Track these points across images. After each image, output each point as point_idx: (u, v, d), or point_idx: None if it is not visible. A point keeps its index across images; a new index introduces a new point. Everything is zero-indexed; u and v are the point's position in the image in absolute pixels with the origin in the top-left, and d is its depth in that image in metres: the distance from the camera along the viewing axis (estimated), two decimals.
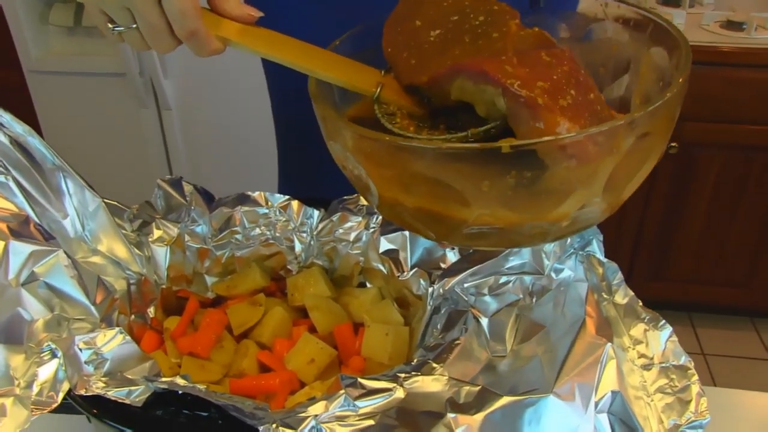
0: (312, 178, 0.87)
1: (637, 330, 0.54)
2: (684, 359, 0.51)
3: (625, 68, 0.51)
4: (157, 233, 0.65)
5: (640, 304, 0.56)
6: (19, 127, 0.59)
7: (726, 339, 2.03)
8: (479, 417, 0.43)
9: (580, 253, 0.59)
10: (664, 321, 0.54)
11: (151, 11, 0.49)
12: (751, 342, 2.02)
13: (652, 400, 0.48)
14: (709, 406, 0.74)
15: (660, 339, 0.53)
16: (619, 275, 0.58)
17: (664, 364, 0.51)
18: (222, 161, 1.80)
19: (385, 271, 0.65)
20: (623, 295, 0.57)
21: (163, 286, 0.64)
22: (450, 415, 0.43)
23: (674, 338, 0.53)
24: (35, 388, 0.47)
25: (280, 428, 0.42)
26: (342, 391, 0.44)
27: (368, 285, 0.68)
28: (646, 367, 0.51)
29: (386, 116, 0.51)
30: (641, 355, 0.52)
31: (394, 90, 0.52)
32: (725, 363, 1.95)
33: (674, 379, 0.50)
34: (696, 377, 0.50)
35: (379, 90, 0.51)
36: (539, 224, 0.42)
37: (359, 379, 0.45)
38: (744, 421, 0.74)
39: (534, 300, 0.55)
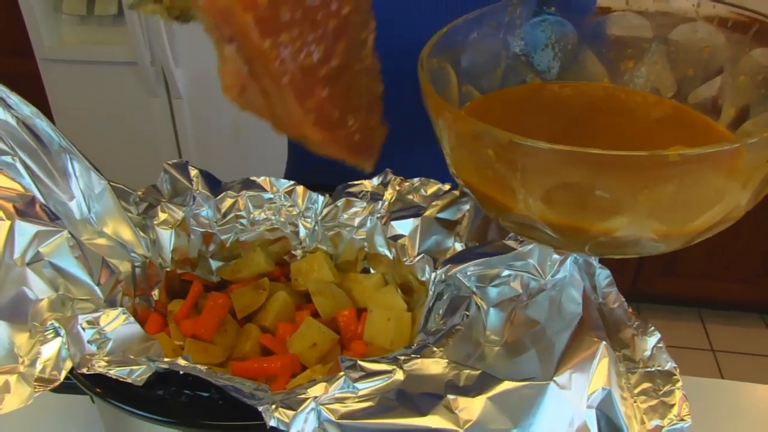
0: (320, 165, 0.88)
1: (625, 334, 0.54)
2: (670, 365, 0.51)
3: (717, 70, 0.49)
4: (162, 216, 0.65)
5: (630, 310, 0.56)
6: (26, 109, 0.59)
7: (736, 335, 2.02)
8: (480, 399, 0.43)
9: (575, 256, 0.59)
10: (653, 327, 0.54)
11: None
12: (761, 338, 2.01)
13: (635, 402, 0.49)
14: (717, 398, 0.74)
15: (647, 344, 0.53)
16: (611, 280, 0.58)
17: (649, 369, 0.51)
18: (231, 151, 1.81)
19: (391, 257, 0.65)
20: (613, 301, 0.57)
21: (168, 269, 0.65)
22: (450, 397, 0.43)
23: (662, 345, 0.53)
24: (38, 366, 0.48)
25: (280, 409, 0.42)
26: (342, 373, 0.44)
27: (372, 271, 0.68)
28: (630, 370, 0.52)
29: None
30: (626, 358, 0.52)
31: None
32: (735, 359, 1.94)
33: (659, 384, 0.50)
34: (680, 383, 0.50)
35: None
36: (677, 235, 0.41)
37: (359, 362, 0.45)
38: (751, 413, 0.73)
39: (529, 297, 0.55)
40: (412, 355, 0.47)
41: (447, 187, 0.66)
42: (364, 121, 0.47)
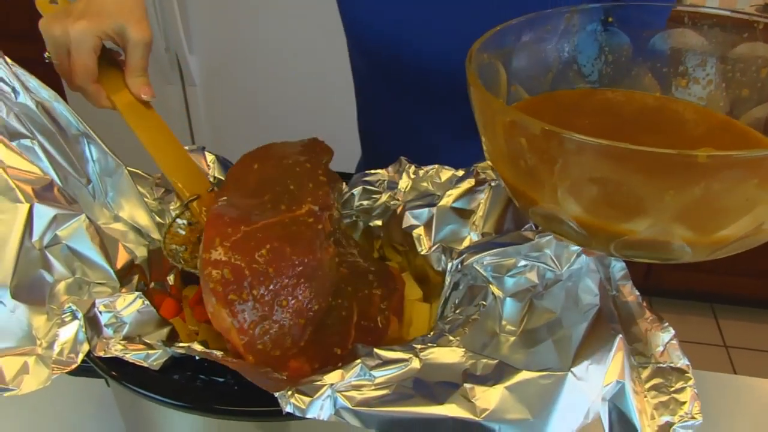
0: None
1: (638, 328, 0.54)
2: (682, 362, 0.51)
3: None
4: (178, 202, 0.65)
5: (644, 304, 0.56)
6: (45, 93, 0.59)
7: (749, 331, 2.00)
8: (497, 389, 0.43)
9: None
10: (667, 324, 0.54)
11: (62, 59, 0.62)
12: None
13: (645, 396, 0.48)
14: (730, 394, 0.74)
15: (660, 340, 0.53)
16: (626, 273, 0.57)
17: (661, 365, 0.51)
18: (245, 139, 1.81)
19: (406, 247, 0.65)
20: (628, 293, 0.56)
21: None
22: (467, 386, 0.43)
23: (675, 342, 0.53)
24: (56, 348, 0.48)
25: (296, 395, 0.42)
26: (358, 361, 0.44)
27: (387, 260, 0.68)
28: (642, 365, 0.51)
29: (178, 223, 0.62)
30: (638, 352, 0.52)
31: (206, 207, 0.61)
32: (748, 355, 1.93)
33: (671, 380, 0.50)
34: (692, 381, 0.50)
35: (193, 199, 0.62)
36: (702, 243, 0.40)
37: (375, 350, 0.45)
38: (765, 409, 0.73)
39: (545, 288, 0.54)
40: (429, 344, 0.47)
41: (461, 173, 0.66)
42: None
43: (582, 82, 0.53)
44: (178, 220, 0.61)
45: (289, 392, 0.42)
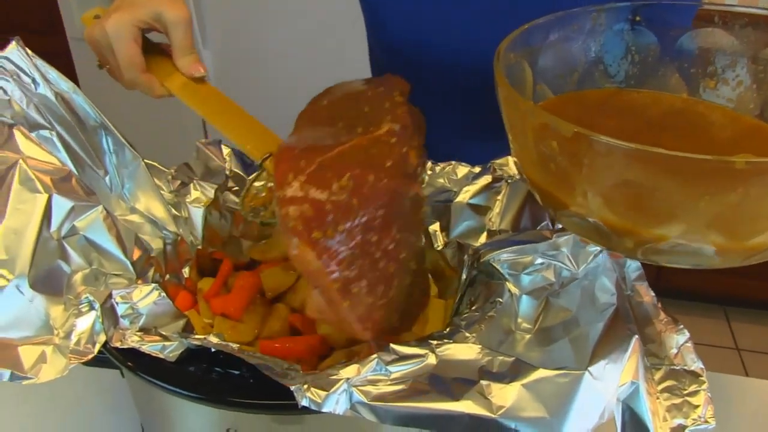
0: None
1: (652, 330, 0.53)
2: (696, 366, 0.51)
3: None
4: (194, 194, 0.66)
5: (660, 305, 0.55)
6: (64, 84, 0.59)
7: (761, 334, 1.99)
8: (513, 386, 0.43)
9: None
10: (681, 326, 0.53)
11: (109, 58, 0.62)
12: None
13: (658, 398, 0.48)
14: (742, 396, 0.73)
15: (674, 342, 0.53)
16: (641, 273, 0.57)
17: (675, 367, 0.51)
18: None
19: (422, 243, 0.64)
20: (643, 294, 0.56)
21: (199, 247, 0.65)
22: (483, 383, 0.43)
23: (690, 344, 0.53)
24: (73, 338, 0.48)
25: (312, 389, 0.42)
26: (374, 356, 0.44)
27: None
28: (655, 366, 0.51)
29: (257, 185, 0.60)
30: (651, 354, 0.52)
31: None
32: (760, 359, 1.91)
33: (684, 383, 0.50)
34: (706, 384, 0.49)
35: (266, 158, 0.58)
36: (735, 250, 0.40)
37: (392, 345, 0.45)
38: None
39: (561, 287, 0.54)
40: (445, 340, 0.47)
41: (477, 169, 0.66)
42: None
43: (608, 81, 0.53)
44: (256, 183, 0.59)
45: (305, 386, 0.42)
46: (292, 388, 0.42)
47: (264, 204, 0.60)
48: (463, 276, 0.57)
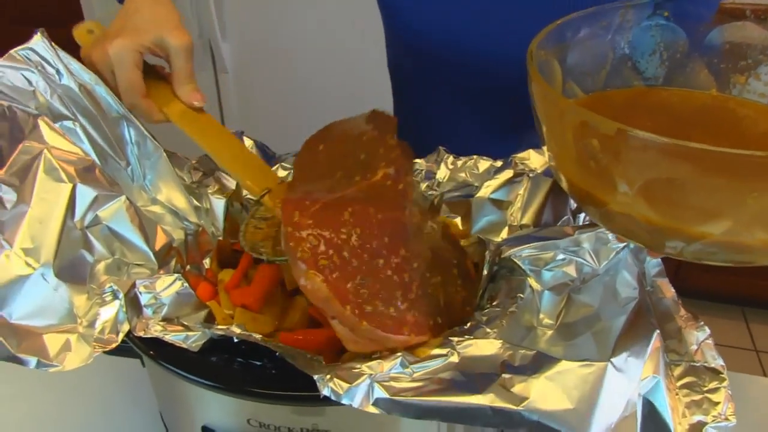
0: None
1: (672, 326, 0.53)
2: (717, 363, 0.50)
3: None
4: (216, 185, 0.66)
5: (680, 302, 0.55)
6: (86, 76, 0.60)
7: None
8: (536, 379, 0.43)
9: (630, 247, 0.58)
10: (702, 323, 0.53)
11: (109, 81, 0.61)
12: None
13: (677, 394, 0.48)
14: (760, 396, 0.73)
15: (695, 339, 0.52)
16: (661, 269, 0.56)
17: (695, 364, 0.50)
18: (277, 127, 1.81)
19: None
20: (663, 290, 0.56)
21: (220, 239, 0.65)
22: (505, 376, 0.43)
23: (710, 341, 0.52)
24: (97, 327, 0.49)
25: (335, 379, 0.42)
26: (399, 354, 0.45)
27: None
28: (674, 362, 0.51)
29: (256, 218, 0.60)
30: (670, 350, 0.51)
31: (279, 200, 0.58)
32: None
33: (704, 379, 0.49)
34: (727, 382, 0.49)
35: (265, 193, 0.59)
36: None
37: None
38: None
39: (583, 282, 0.54)
40: (466, 336, 0.47)
41: (499, 163, 0.65)
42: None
43: (636, 78, 0.53)
44: (255, 217, 0.60)
45: (328, 376, 0.42)
46: (315, 377, 0.42)
47: (264, 238, 0.60)
48: (485, 271, 0.57)
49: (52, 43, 0.59)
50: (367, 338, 0.47)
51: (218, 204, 0.65)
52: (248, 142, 0.67)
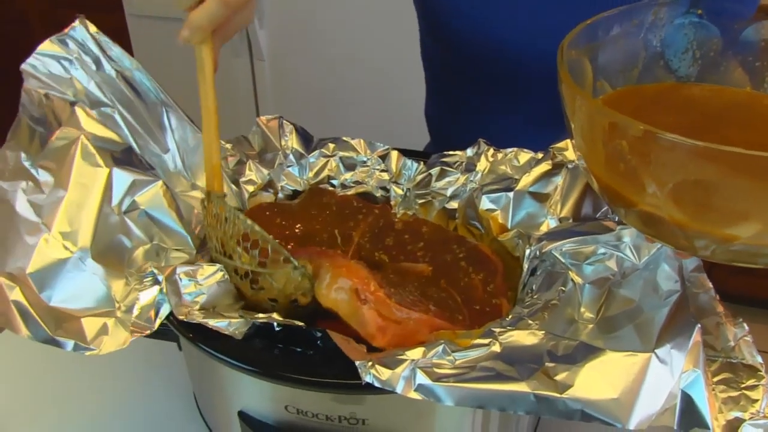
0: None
1: (709, 321, 0.52)
2: (755, 360, 0.49)
3: None
4: (248, 174, 0.66)
5: (718, 297, 0.53)
6: (127, 61, 0.60)
7: None
8: (580, 367, 0.42)
9: None
10: (741, 320, 0.52)
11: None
12: None
13: (713, 390, 0.46)
14: None
15: (732, 335, 0.51)
16: (699, 265, 0.55)
17: (732, 360, 0.49)
18: (310, 116, 1.81)
19: (482, 230, 0.64)
20: (700, 286, 0.55)
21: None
22: (549, 364, 0.42)
23: (749, 338, 0.51)
24: (135, 311, 0.49)
25: (377, 366, 0.41)
26: (441, 341, 0.44)
27: None
28: (711, 358, 0.49)
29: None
30: (707, 345, 0.50)
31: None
32: None
33: (742, 376, 0.48)
34: (766, 380, 0.47)
35: (221, 195, 0.55)
36: None
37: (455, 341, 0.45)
38: None
39: (623, 277, 0.53)
40: (508, 328, 0.46)
41: (540, 155, 0.64)
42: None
43: (669, 77, 0.51)
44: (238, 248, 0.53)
45: (370, 363, 0.42)
46: (357, 363, 0.42)
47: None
48: (525, 265, 0.56)
49: (93, 29, 0.59)
50: (393, 320, 0.48)
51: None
52: (288, 127, 0.67)
